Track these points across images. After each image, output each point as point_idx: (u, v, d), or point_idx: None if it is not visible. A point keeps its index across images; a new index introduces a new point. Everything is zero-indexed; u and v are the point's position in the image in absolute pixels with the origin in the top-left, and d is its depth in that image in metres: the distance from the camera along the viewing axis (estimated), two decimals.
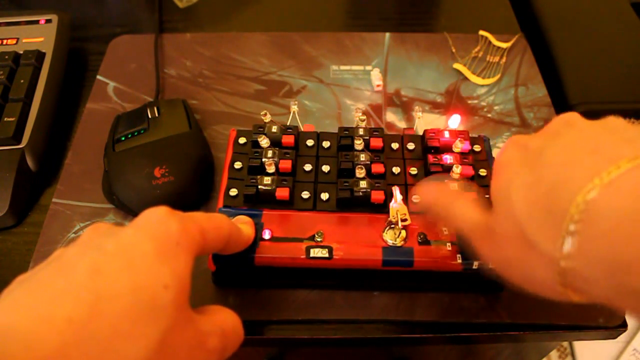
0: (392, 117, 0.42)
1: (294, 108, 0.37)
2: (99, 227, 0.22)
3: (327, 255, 0.30)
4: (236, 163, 0.34)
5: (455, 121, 0.35)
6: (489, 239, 0.24)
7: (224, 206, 0.32)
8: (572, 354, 1.01)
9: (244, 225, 0.29)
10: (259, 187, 0.31)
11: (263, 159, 0.33)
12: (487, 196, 0.27)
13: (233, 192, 0.32)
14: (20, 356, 0.16)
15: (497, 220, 0.23)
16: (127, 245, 0.20)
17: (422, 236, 0.31)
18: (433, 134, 0.35)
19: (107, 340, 0.17)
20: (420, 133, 0.36)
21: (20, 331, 0.17)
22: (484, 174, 0.34)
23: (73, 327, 0.17)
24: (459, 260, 0.30)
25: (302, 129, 0.36)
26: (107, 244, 0.20)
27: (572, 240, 0.18)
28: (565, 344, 1.02)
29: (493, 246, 0.24)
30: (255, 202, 0.32)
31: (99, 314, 0.18)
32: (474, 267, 0.30)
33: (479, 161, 0.34)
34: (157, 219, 0.21)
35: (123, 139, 0.37)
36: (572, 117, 0.23)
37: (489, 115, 0.42)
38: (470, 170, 0.33)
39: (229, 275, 0.32)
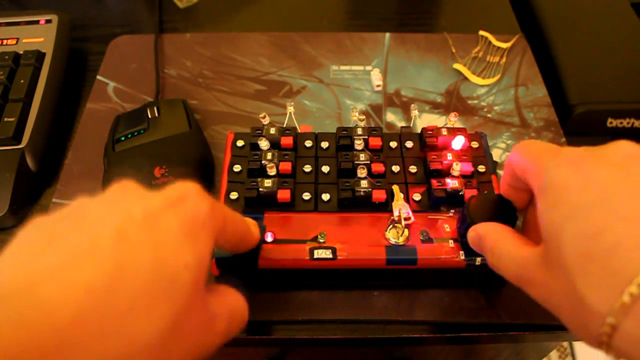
0: (392, 117, 0.42)
1: (290, 109, 0.37)
2: (127, 186, 0.21)
3: (331, 256, 0.30)
4: (235, 166, 0.34)
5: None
6: (537, 281, 0.22)
7: None
8: (572, 354, 1.01)
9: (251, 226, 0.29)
10: (260, 189, 0.31)
11: (263, 161, 0.33)
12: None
13: (233, 195, 0.32)
14: (37, 323, 0.15)
15: (546, 265, 0.21)
16: (155, 216, 0.19)
17: (424, 234, 0.31)
18: (431, 132, 0.35)
19: (122, 315, 0.17)
20: (418, 131, 0.36)
21: (39, 297, 0.16)
22: (483, 170, 0.34)
23: (91, 296, 0.16)
24: (462, 257, 0.30)
25: (300, 130, 0.36)
26: (135, 210, 0.19)
27: (632, 302, 0.17)
28: (565, 344, 1.02)
29: (540, 289, 0.22)
30: (256, 205, 0.32)
31: (118, 286, 0.17)
32: (476, 263, 0.30)
33: (478, 157, 0.35)
34: (189, 196, 0.21)
35: (123, 139, 0.37)
36: (636, 150, 0.21)
37: (489, 115, 0.42)
38: (469, 167, 0.33)
39: (232, 279, 0.32)
